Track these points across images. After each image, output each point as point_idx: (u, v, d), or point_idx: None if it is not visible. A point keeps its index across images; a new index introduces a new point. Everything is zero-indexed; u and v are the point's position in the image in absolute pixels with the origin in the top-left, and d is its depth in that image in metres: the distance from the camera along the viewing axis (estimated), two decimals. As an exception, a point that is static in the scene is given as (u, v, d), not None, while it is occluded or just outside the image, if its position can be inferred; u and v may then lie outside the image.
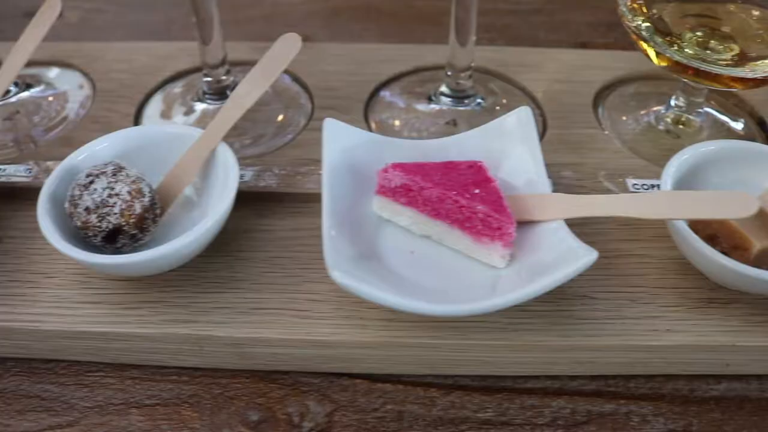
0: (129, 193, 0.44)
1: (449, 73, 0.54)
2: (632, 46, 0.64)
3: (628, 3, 0.51)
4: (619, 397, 0.45)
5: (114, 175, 0.44)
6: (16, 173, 0.51)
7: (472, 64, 0.54)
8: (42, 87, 0.59)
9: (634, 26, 0.51)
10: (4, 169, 0.51)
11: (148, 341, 0.44)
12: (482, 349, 0.44)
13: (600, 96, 0.58)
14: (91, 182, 0.44)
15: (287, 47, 0.48)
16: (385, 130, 0.54)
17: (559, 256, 0.42)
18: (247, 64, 0.58)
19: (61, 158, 0.51)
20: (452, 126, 0.55)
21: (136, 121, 0.56)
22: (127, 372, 0.46)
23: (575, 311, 0.45)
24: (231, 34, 0.54)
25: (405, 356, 0.44)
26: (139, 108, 0.57)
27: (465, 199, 0.43)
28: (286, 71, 0.54)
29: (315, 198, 0.49)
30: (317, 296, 0.45)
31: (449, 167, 0.46)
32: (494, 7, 0.57)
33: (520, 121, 0.48)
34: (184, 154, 0.47)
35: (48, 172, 0.51)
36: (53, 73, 0.60)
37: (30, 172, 0.51)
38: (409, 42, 0.65)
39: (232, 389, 0.45)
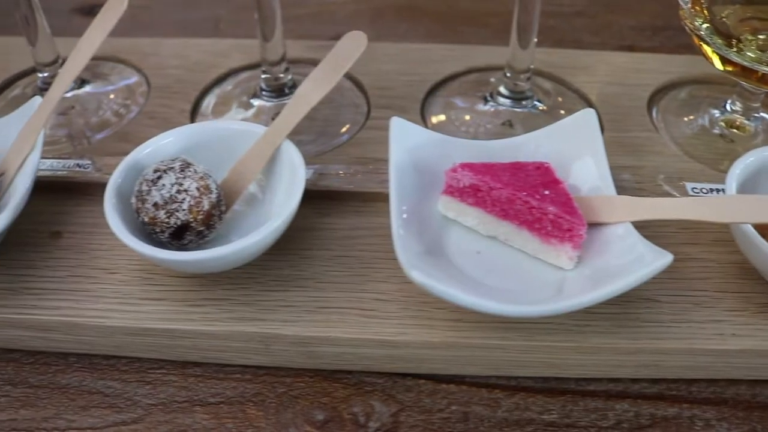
0: (197, 189, 0.44)
1: (508, 74, 0.54)
2: (679, 50, 0.65)
3: (689, 4, 0.51)
4: (682, 401, 0.44)
5: (182, 171, 0.44)
6: (75, 168, 0.51)
7: (532, 66, 0.54)
8: (97, 82, 0.58)
9: (694, 27, 0.51)
10: (63, 164, 0.51)
11: (213, 339, 0.44)
12: (549, 350, 0.44)
13: (653, 99, 0.58)
14: (159, 178, 0.44)
15: (352, 46, 0.48)
16: (442, 129, 0.54)
17: (632, 259, 0.42)
18: (300, 62, 0.58)
19: (118, 153, 0.51)
20: (508, 127, 0.55)
21: (192, 116, 0.56)
22: (190, 369, 0.45)
23: (641, 314, 0.44)
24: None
25: (471, 357, 0.44)
26: (195, 104, 0.57)
27: (535, 200, 0.43)
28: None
29: (376, 197, 0.50)
30: (383, 296, 0.45)
31: (517, 168, 0.46)
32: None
33: (584, 123, 0.48)
34: (248, 150, 0.47)
35: (107, 167, 0.51)
36: (107, 68, 0.60)
37: (89, 167, 0.51)
38: (454, 42, 0.65)
39: (296, 388, 0.44)
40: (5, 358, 0.46)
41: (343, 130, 0.54)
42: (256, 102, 0.56)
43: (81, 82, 0.58)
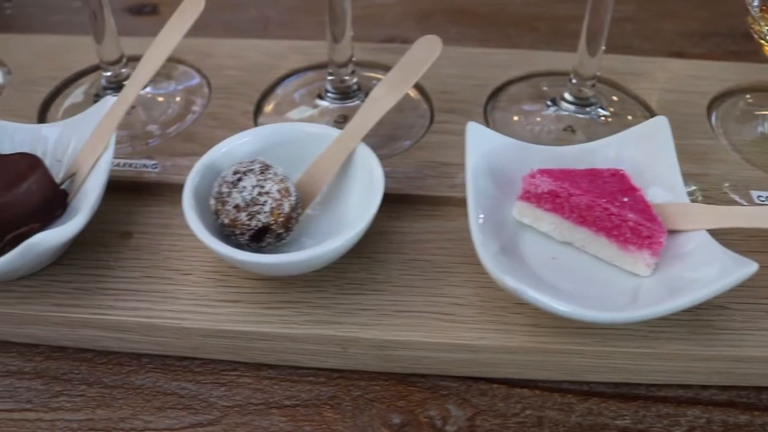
0: (278, 191, 0.44)
1: (574, 80, 0.54)
2: (726, 56, 0.65)
3: (759, 11, 0.51)
4: (753, 408, 0.44)
5: (262, 173, 0.44)
6: (142, 168, 0.51)
7: (598, 74, 0.54)
8: (159, 83, 0.58)
9: (762, 33, 0.51)
10: (130, 164, 0.51)
11: (291, 342, 0.44)
12: (624, 356, 0.44)
13: (712, 106, 0.58)
14: (239, 180, 0.44)
15: (426, 50, 0.48)
16: (506, 133, 0.54)
17: (713, 266, 0.42)
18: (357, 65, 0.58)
19: (183, 154, 0.51)
20: (570, 133, 0.55)
21: (255, 117, 0.56)
22: (264, 372, 0.45)
23: (713, 321, 0.45)
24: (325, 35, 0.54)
25: (546, 362, 0.44)
26: (257, 105, 0.57)
27: (615, 207, 0.43)
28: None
29: (446, 201, 0.50)
30: (460, 300, 0.45)
31: (593, 175, 0.46)
32: (584, 14, 0.58)
33: (657, 130, 0.48)
34: (323, 153, 0.47)
35: (175, 167, 0.51)
36: (168, 68, 0.59)
37: (156, 168, 0.51)
38: (504, 46, 0.65)
39: (372, 392, 0.44)
40: (78, 357, 0.46)
41: (409, 134, 0.54)
42: (320, 103, 0.56)
43: (143, 81, 0.57)
